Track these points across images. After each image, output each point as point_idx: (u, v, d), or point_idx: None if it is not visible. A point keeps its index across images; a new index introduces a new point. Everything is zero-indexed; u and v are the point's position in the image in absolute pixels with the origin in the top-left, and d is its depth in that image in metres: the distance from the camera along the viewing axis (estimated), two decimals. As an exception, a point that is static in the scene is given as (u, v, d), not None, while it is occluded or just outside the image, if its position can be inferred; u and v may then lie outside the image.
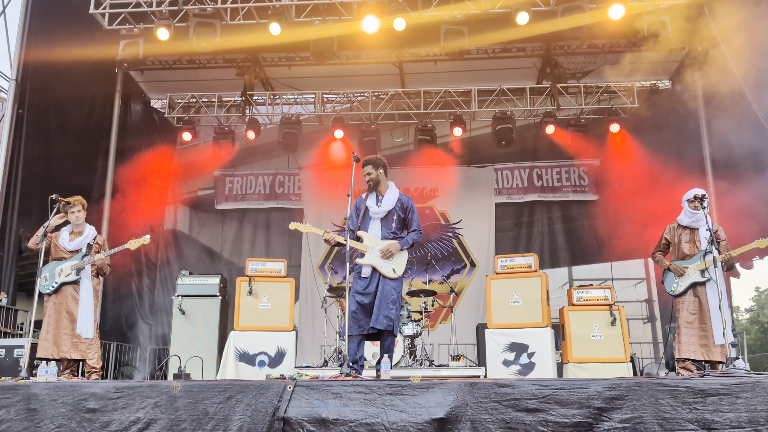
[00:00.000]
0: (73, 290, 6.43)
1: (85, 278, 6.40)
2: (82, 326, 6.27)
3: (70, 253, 6.51)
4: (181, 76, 11.94)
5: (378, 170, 5.75)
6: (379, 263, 5.58)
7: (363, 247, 5.61)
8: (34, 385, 4.31)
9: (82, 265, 6.40)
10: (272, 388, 3.99)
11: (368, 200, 5.79)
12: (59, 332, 6.34)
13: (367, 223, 5.77)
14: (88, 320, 6.31)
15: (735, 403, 3.63)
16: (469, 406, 3.79)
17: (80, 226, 6.61)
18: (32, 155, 9.16)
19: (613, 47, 11.21)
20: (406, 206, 5.81)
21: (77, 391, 4.21)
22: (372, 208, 5.75)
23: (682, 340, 6.36)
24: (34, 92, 9.31)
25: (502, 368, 7.75)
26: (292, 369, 7.67)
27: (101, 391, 4.18)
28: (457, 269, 12.16)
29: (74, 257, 6.48)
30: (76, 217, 6.55)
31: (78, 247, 6.50)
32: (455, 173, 12.44)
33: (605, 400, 3.72)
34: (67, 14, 9.75)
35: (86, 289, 6.37)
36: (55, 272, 6.43)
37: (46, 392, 4.23)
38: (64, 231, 6.63)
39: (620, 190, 11.74)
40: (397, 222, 5.75)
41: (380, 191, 5.82)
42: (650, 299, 12.06)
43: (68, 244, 6.53)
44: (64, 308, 6.40)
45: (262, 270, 8.28)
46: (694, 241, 6.52)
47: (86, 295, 6.35)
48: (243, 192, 12.93)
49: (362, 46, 10.97)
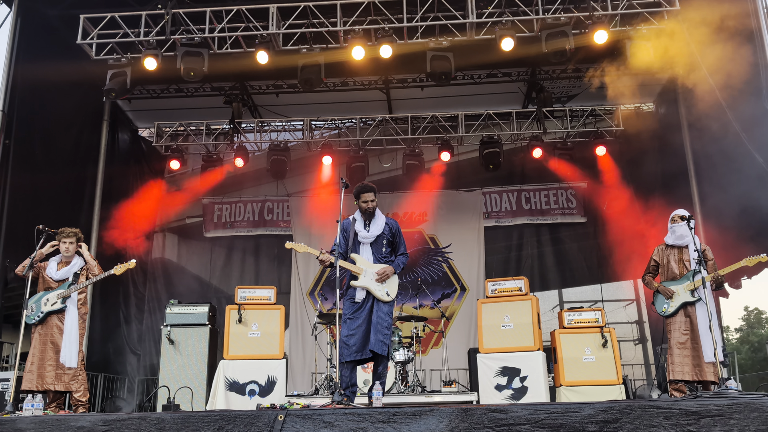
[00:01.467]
0: (58, 320, 6.34)
1: (71, 306, 6.30)
2: (66, 355, 6.15)
3: (57, 282, 6.45)
4: (169, 104, 11.96)
5: (376, 197, 5.83)
6: (374, 286, 5.57)
7: (357, 269, 5.60)
8: (19, 420, 4.23)
9: (68, 293, 6.33)
10: (263, 417, 3.94)
11: (356, 225, 5.79)
12: (44, 363, 6.23)
13: (357, 248, 5.76)
14: (72, 349, 6.19)
15: (728, 424, 3.62)
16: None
17: (70, 257, 6.56)
18: (18, 185, 9.08)
19: (597, 71, 11.37)
20: (394, 230, 5.86)
21: (64, 425, 4.13)
22: (361, 233, 5.75)
23: (675, 361, 6.36)
24: (21, 122, 9.27)
25: (494, 393, 7.71)
26: (282, 398, 7.59)
27: (89, 424, 4.10)
28: (447, 294, 12.14)
29: (61, 286, 6.41)
30: (66, 248, 6.51)
31: (65, 276, 6.44)
32: (444, 197, 12.49)
33: (599, 424, 3.70)
34: (55, 45, 9.77)
35: (71, 317, 6.26)
36: (41, 302, 6.36)
37: (32, 427, 4.14)
38: (52, 261, 6.58)
39: (608, 212, 11.83)
40: (386, 246, 5.78)
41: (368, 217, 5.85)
42: (641, 320, 12.08)
43: (55, 273, 6.47)
44: (49, 339, 6.31)
45: (252, 297, 8.23)
46: (683, 261, 6.56)
47: (71, 323, 6.24)
48: (232, 219, 12.91)
49: (349, 73, 11.07)
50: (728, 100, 8.27)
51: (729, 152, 8.35)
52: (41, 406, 5.24)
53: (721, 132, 8.51)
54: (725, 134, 8.43)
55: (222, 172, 12.06)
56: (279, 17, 8.94)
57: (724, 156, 8.51)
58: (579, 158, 11.75)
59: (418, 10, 8.84)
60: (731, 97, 8.18)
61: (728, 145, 8.34)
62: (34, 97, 9.49)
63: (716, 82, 8.43)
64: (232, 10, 8.95)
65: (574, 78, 11.63)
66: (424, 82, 11.44)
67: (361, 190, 5.84)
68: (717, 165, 8.97)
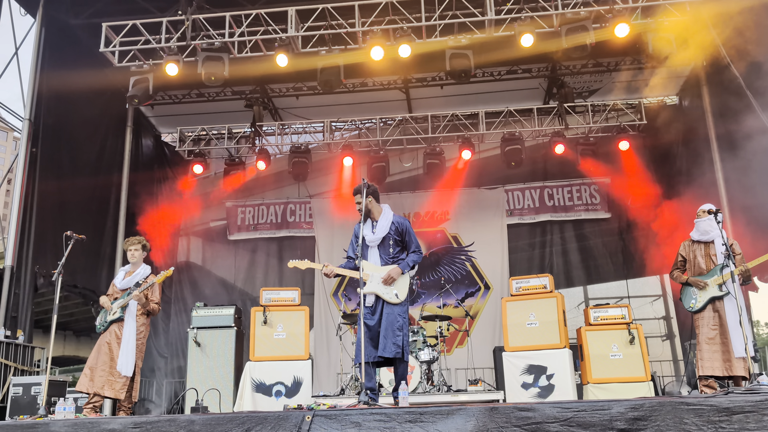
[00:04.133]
0: (117, 328, 6.46)
1: (128, 317, 6.41)
2: (122, 364, 6.28)
3: (120, 291, 6.61)
4: (191, 109, 12.09)
5: (367, 198, 5.67)
6: (381, 290, 5.54)
7: (363, 277, 5.57)
8: (52, 423, 4.30)
9: (125, 302, 6.47)
10: (291, 418, 3.96)
11: (364, 228, 5.73)
12: (97, 368, 6.39)
13: (366, 251, 5.72)
14: (128, 358, 6.29)
15: (761, 421, 3.56)
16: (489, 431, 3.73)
17: (135, 266, 6.70)
18: (46, 193, 9.26)
19: (619, 65, 11.25)
20: (401, 229, 5.72)
21: (96, 427, 4.18)
22: (368, 236, 5.69)
23: (704, 357, 6.26)
24: (47, 130, 9.45)
25: (521, 391, 7.67)
26: (309, 398, 7.62)
27: (120, 427, 4.15)
28: (471, 292, 12.09)
29: (123, 295, 6.56)
30: (131, 255, 6.68)
31: (127, 286, 6.58)
32: (466, 196, 12.45)
33: (628, 422, 3.65)
34: (78, 53, 9.94)
35: (129, 327, 6.38)
36: (107, 311, 6.55)
37: (65, 430, 4.20)
38: (121, 271, 6.80)
39: (633, 207, 11.70)
40: (394, 246, 5.70)
41: (374, 217, 5.76)
42: (668, 316, 11.93)
43: (119, 282, 6.64)
44: (105, 345, 6.46)
45: (276, 299, 8.28)
46: (709, 256, 6.46)
47: (128, 333, 6.35)
48: (255, 222, 13.00)
49: (368, 74, 11.08)
50: (754, 89, 8.13)
51: (756, 143, 8.21)
52: (73, 409, 5.32)
53: (747, 122, 8.37)
54: (752, 125, 8.28)
55: (244, 175, 12.15)
56: (298, 20, 8.98)
57: (752, 147, 8.36)
58: (602, 153, 11.63)
59: (437, 9, 8.81)
60: (757, 86, 8.04)
61: (755, 136, 8.20)
62: (60, 106, 9.66)
63: (741, 72, 8.29)
64: (251, 14, 9.02)
65: (596, 72, 11.51)
66: (444, 81, 11.41)
67: (353, 191, 5.76)
68: (744, 157, 8.81)
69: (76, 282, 9.65)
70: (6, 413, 7.29)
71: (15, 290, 8.68)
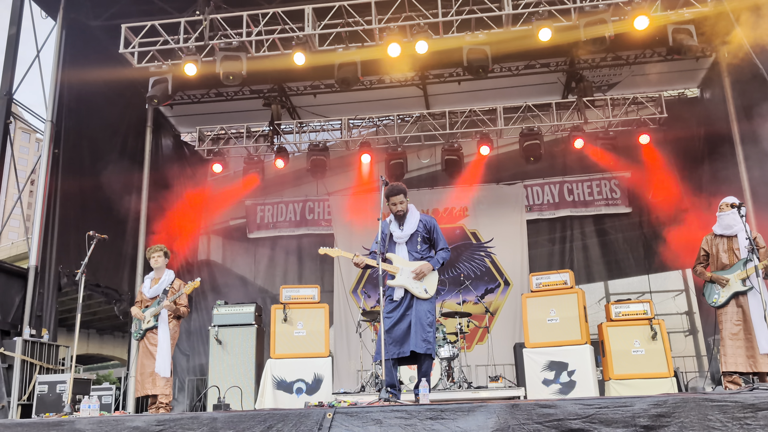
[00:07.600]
0: (152, 334, 6.83)
1: (161, 323, 6.77)
2: (160, 366, 6.68)
3: (150, 300, 6.94)
4: (210, 108, 12.18)
5: (407, 198, 5.71)
6: (411, 284, 5.54)
7: (393, 269, 5.58)
8: (78, 421, 4.36)
9: (157, 311, 6.79)
10: (312, 416, 3.98)
11: (391, 225, 5.75)
12: (142, 372, 6.84)
13: (393, 248, 5.72)
14: (165, 361, 6.69)
15: (788, 417, 3.51)
16: (511, 428, 3.72)
17: (159, 272, 6.99)
18: (68, 193, 9.38)
19: (638, 58, 11.12)
20: (429, 227, 5.75)
21: (120, 425, 4.24)
22: (395, 233, 5.70)
23: (727, 353, 6.19)
24: (68, 132, 9.57)
25: (542, 388, 7.63)
26: (329, 395, 7.65)
27: (143, 424, 4.20)
28: (491, 288, 12.05)
29: (153, 304, 6.87)
30: (154, 261, 6.98)
31: (155, 294, 6.90)
32: (484, 192, 12.39)
33: (651, 418, 3.62)
34: (98, 55, 10.05)
35: (163, 332, 6.75)
36: (140, 321, 6.90)
37: (90, 427, 4.26)
38: (147, 279, 7.08)
39: (653, 201, 11.57)
40: (422, 243, 5.71)
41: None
42: (691, 311, 11.79)
43: (148, 291, 6.96)
44: (145, 351, 6.87)
45: (296, 296, 8.32)
46: (732, 250, 6.37)
47: (163, 338, 6.74)
48: (274, 220, 13.06)
49: (386, 71, 11.07)
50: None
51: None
52: (97, 407, 5.40)
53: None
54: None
55: (263, 173, 12.20)
56: (314, 18, 8.99)
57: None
58: (622, 147, 11.50)
59: (453, 5, 8.78)
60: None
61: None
62: (81, 107, 9.78)
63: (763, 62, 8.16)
64: (268, 13, 9.04)
65: (615, 66, 11.40)
66: (461, 77, 11.36)
67: (390, 192, 5.66)
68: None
69: (98, 281, 9.79)
70: (32, 411, 7.41)
71: (39, 290, 8.82)
